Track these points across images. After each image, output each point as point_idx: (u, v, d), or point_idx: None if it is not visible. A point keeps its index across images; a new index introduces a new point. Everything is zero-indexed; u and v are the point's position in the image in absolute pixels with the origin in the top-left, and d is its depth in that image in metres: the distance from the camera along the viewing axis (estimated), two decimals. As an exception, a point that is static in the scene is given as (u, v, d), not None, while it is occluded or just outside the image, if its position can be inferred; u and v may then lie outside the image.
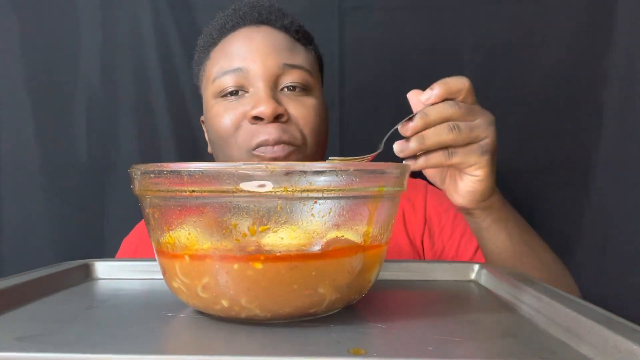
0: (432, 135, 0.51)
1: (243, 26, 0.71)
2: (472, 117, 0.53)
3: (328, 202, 0.35)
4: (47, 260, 0.94)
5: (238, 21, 0.71)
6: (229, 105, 0.69)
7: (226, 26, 0.72)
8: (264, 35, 0.69)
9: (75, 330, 0.36)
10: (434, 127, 0.51)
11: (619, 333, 0.30)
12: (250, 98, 0.68)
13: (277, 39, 0.70)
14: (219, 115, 0.69)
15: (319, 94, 0.73)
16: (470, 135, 0.52)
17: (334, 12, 0.99)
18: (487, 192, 0.57)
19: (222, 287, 0.36)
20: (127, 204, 0.99)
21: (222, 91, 0.69)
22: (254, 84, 0.67)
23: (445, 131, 0.51)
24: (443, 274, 0.54)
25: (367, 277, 0.39)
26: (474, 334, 0.36)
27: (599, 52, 0.94)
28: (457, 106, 0.52)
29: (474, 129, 0.52)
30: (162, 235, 0.38)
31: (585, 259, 0.95)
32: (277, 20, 0.71)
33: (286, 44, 0.70)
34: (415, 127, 0.51)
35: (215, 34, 0.73)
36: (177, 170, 0.35)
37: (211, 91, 0.71)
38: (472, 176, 0.55)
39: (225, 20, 0.73)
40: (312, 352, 0.31)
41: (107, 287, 0.51)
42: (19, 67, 1.00)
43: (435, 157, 0.52)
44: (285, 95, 0.68)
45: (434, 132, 0.51)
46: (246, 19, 0.71)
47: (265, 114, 0.65)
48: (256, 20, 0.71)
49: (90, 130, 1.01)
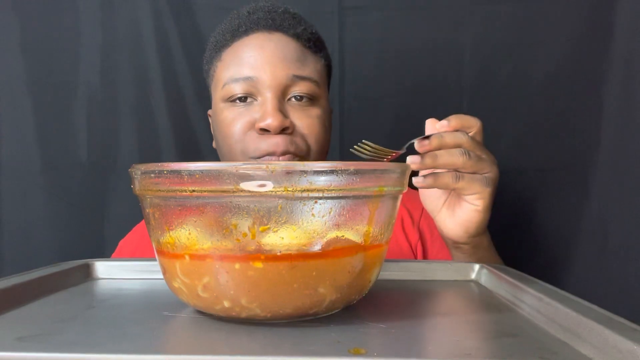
0: (445, 155, 0.55)
1: (256, 31, 0.72)
2: (480, 152, 0.58)
3: (328, 202, 0.35)
4: (47, 260, 0.94)
5: (252, 26, 0.72)
6: (237, 112, 0.71)
7: (240, 29, 0.72)
8: (275, 44, 0.70)
9: (75, 330, 0.36)
10: (447, 149, 0.56)
11: (619, 333, 0.30)
12: (258, 107, 0.70)
13: (288, 48, 0.71)
14: (228, 121, 0.71)
15: (325, 102, 0.75)
16: (477, 165, 0.57)
17: (334, 12, 0.99)
18: (482, 226, 0.61)
19: (222, 287, 0.36)
20: (127, 204, 0.99)
21: (232, 97, 0.71)
22: (262, 93, 0.69)
23: (457, 154, 0.55)
24: (443, 274, 0.54)
25: (368, 277, 0.39)
26: (475, 334, 0.36)
27: (599, 52, 0.94)
28: (469, 137, 0.57)
29: (481, 160, 0.57)
30: (162, 235, 0.38)
31: (585, 259, 0.95)
32: (290, 27, 0.72)
33: (297, 54, 0.71)
34: (431, 145, 0.55)
35: (228, 36, 0.73)
36: (177, 170, 0.35)
37: (221, 95, 0.72)
38: (472, 205, 0.59)
39: (239, 22, 0.73)
40: (312, 352, 0.31)
41: (107, 287, 0.51)
42: (20, 68, 1.00)
43: (444, 177, 0.56)
44: (292, 105, 0.71)
45: (447, 153, 0.55)
46: (260, 24, 0.72)
47: (272, 126, 0.67)
48: (269, 27, 0.72)
49: (91, 130, 1.01)
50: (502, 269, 0.51)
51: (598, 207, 0.94)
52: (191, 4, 1.01)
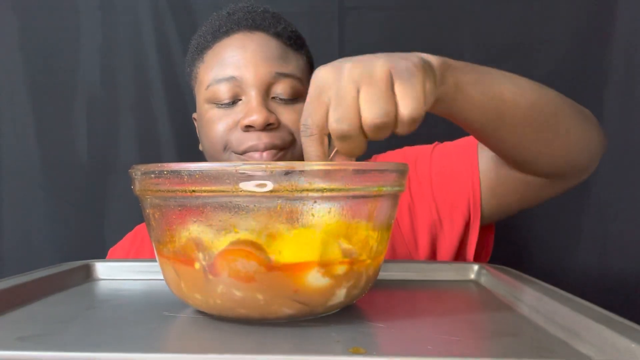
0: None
1: (237, 32, 0.72)
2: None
3: (328, 202, 0.35)
4: (47, 260, 0.94)
5: (232, 26, 0.72)
6: (222, 112, 0.70)
7: (220, 30, 0.73)
8: (257, 44, 0.70)
9: (75, 331, 0.36)
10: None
11: (618, 332, 0.30)
12: (242, 106, 0.70)
13: (270, 47, 0.71)
14: (212, 122, 0.71)
15: None
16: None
17: (334, 12, 0.99)
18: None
19: (222, 287, 0.36)
20: (127, 204, 0.99)
21: (216, 99, 0.71)
22: (246, 92, 0.69)
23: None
24: (443, 274, 0.54)
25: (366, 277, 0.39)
26: (474, 333, 0.36)
27: (599, 52, 0.94)
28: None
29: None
30: (162, 235, 0.38)
31: (585, 259, 0.95)
32: (270, 26, 0.72)
33: (278, 52, 0.71)
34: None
35: (210, 37, 0.73)
36: (177, 171, 0.35)
37: (205, 96, 0.72)
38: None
39: (219, 23, 0.73)
40: (312, 351, 0.32)
41: (107, 288, 0.51)
42: (19, 68, 1.00)
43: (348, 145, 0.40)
44: (277, 102, 0.70)
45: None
46: (240, 24, 0.72)
47: (256, 122, 0.67)
48: (250, 26, 0.72)
49: (90, 130, 1.01)
50: (502, 269, 0.51)
51: (598, 206, 0.95)
52: (191, 4, 1.01)
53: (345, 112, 0.39)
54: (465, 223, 0.69)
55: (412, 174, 0.71)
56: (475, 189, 0.67)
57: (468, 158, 0.68)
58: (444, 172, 0.70)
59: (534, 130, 0.54)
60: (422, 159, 0.72)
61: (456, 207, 0.68)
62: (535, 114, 0.54)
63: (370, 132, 0.39)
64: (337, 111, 0.39)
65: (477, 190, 0.67)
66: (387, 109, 0.39)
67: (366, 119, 0.39)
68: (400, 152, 0.76)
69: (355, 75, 0.40)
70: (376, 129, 0.39)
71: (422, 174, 0.71)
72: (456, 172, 0.68)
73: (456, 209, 0.69)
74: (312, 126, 0.41)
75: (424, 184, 0.71)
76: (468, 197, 0.68)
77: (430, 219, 0.70)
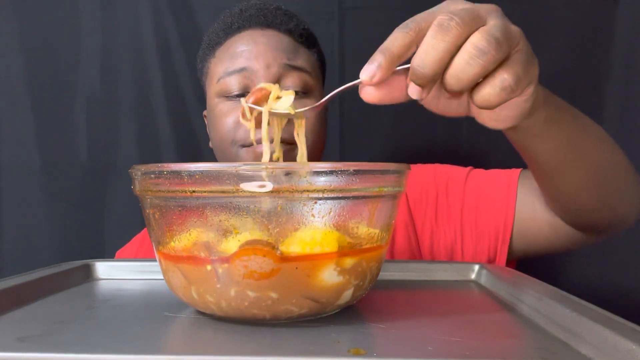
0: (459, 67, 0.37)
1: (249, 28, 0.72)
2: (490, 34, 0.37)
3: (328, 202, 0.35)
4: (47, 260, 0.94)
5: (244, 23, 0.73)
6: (232, 105, 0.71)
7: (232, 26, 0.73)
8: (268, 39, 0.71)
9: (75, 331, 0.36)
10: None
11: (619, 333, 0.30)
12: None
13: (281, 42, 0.71)
14: (222, 114, 0.71)
15: (319, 95, 0.75)
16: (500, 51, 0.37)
17: (334, 12, 0.99)
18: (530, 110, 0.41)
19: (222, 288, 0.36)
20: (127, 204, 0.99)
21: (226, 92, 0.71)
22: (256, 84, 0.69)
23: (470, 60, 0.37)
24: (443, 274, 0.54)
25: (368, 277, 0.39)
26: (474, 334, 0.36)
27: (599, 52, 0.94)
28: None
29: (500, 43, 0.38)
30: (162, 236, 0.38)
31: (585, 259, 0.95)
32: (282, 23, 0.73)
33: (289, 47, 0.72)
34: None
35: (222, 34, 0.74)
36: (177, 171, 0.35)
37: (215, 90, 0.72)
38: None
39: (232, 20, 0.74)
40: (312, 352, 0.32)
41: (107, 288, 0.51)
42: (19, 68, 1.00)
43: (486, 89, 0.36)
44: None
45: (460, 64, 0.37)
46: (252, 21, 0.72)
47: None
48: (262, 24, 0.72)
49: (90, 130, 1.01)
50: (502, 269, 0.51)
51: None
52: (191, 4, 1.01)
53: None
54: (489, 257, 0.69)
55: (443, 197, 0.71)
56: (507, 224, 0.67)
57: (506, 193, 0.67)
58: (478, 203, 0.69)
59: (598, 185, 0.54)
60: (455, 184, 0.71)
61: (483, 238, 0.68)
62: (605, 170, 0.53)
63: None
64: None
65: (509, 227, 0.67)
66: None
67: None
68: (431, 168, 0.75)
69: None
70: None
71: (453, 199, 0.70)
72: (490, 205, 0.68)
73: (482, 240, 0.68)
74: (419, 22, 0.38)
75: (453, 208, 0.70)
76: (497, 232, 0.67)
77: (452, 245, 0.70)
